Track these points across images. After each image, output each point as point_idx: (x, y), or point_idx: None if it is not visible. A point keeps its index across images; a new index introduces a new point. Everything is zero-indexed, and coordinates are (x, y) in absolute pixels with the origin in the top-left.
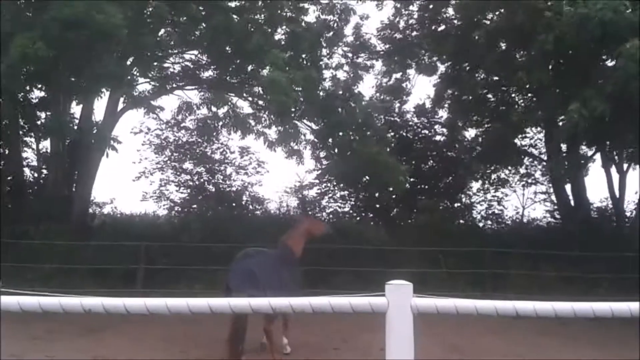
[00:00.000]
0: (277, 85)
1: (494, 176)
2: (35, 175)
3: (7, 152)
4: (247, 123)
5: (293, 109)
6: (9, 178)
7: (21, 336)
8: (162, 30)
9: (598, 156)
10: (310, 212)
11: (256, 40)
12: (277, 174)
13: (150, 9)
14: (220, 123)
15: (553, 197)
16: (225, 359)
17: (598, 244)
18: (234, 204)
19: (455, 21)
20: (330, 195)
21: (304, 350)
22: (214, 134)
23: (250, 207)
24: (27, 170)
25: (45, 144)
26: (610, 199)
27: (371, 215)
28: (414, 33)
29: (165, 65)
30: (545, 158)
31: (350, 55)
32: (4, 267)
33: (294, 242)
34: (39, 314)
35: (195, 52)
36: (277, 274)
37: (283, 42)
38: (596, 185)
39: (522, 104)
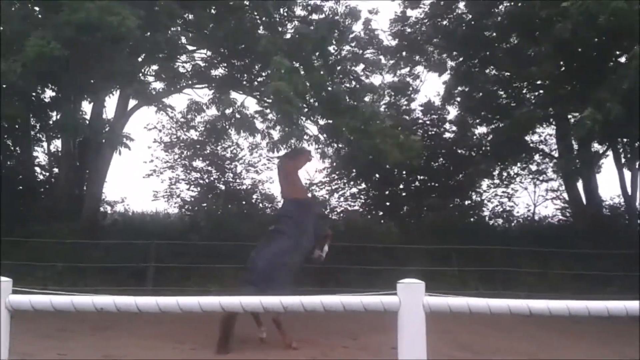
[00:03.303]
0: (281, 94)
1: (504, 173)
2: (47, 174)
3: (18, 151)
4: (253, 124)
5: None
6: (20, 177)
7: (32, 334)
8: (173, 29)
9: (610, 152)
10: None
11: (264, 42)
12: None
13: (161, 7)
14: (228, 123)
15: (565, 195)
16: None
17: (609, 242)
18: (244, 202)
19: (465, 15)
20: (340, 192)
21: (311, 349)
22: (222, 134)
23: (261, 205)
24: (38, 170)
25: (57, 144)
26: (622, 196)
27: (381, 213)
28: (423, 29)
29: (176, 64)
30: (557, 155)
31: (359, 51)
32: (15, 266)
33: (291, 189)
34: (49, 312)
35: (206, 51)
36: (278, 262)
37: (291, 42)
38: (608, 182)
39: (533, 101)
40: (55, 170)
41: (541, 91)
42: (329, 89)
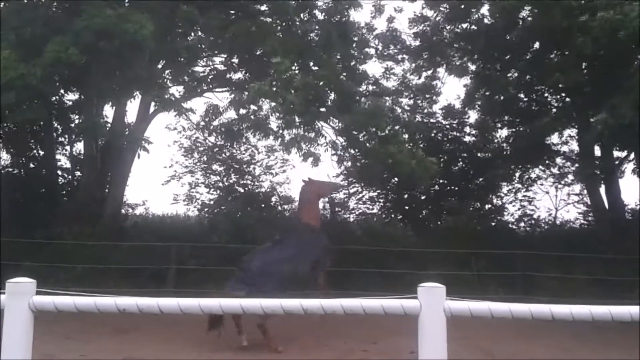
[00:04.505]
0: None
1: (525, 177)
2: (69, 177)
3: (41, 154)
4: (266, 125)
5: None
6: (42, 180)
7: (54, 336)
8: (192, 35)
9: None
10: (338, 213)
11: (271, 42)
12: (305, 172)
13: (181, 13)
14: (245, 125)
15: (587, 199)
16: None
17: (632, 247)
18: (262, 205)
19: (487, 20)
20: (358, 196)
21: (331, 352)
22: (240, 136)
23: (279, 208)
24: (60, 173)
25: (79, 147)
26: None
27: (400, 216)
28: (444, 33)
29: (196, 69)
30: (578, 159)
31: (379, 48)
32: (38, 268)
33: (308, 213)
34: (70, 314)
35: (225, 55)
36: (277, 269)
37: (303, 41)
38: (632, 187)
39: (555, 104)
40: (78, 173)
41: (562, 94)
42: (343, 86)
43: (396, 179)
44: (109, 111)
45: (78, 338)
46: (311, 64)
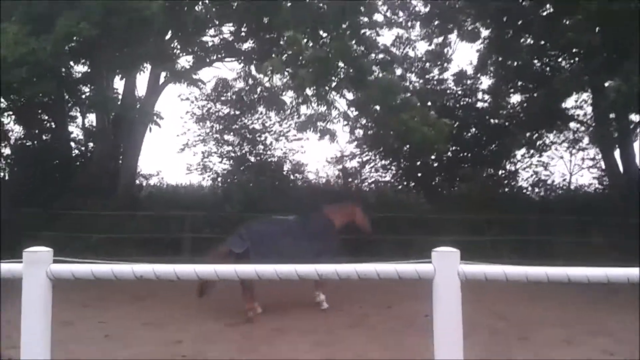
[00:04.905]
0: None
1: (539, 142)
2: (82, 149)
3: (53, 126)
4: (281, 99)
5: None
6: (56, 152)
7: (72, 304)
8: (200, 4)
9: None
10: (351, 182)
11: (284, 14)
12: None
13: None
14: (257, 97)
15: (601, 163)
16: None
17: None
18: (275, 174)
19: None
20: (371, 164)
21: (346, 317)
22: (252, 107)
23: (292, 177)
24: (74, 145)
25: (91, 119)
26: None
27: (413, 184)
28: None
29: (204, 39)
30: (593, 123)
31: (389, 15)
32: (54, 237)
33: (336, 216)
34: (87, 281)
35: (233, 24)
36: (284, 243)
37: (315, 12)
38: None
39: (568, 69)
40: (91, 145)
41: (576, 59)
42: (355, 55)
43: (408, 146)
44: (118, 83)
45: (96, 305)
46: (322, 32)
